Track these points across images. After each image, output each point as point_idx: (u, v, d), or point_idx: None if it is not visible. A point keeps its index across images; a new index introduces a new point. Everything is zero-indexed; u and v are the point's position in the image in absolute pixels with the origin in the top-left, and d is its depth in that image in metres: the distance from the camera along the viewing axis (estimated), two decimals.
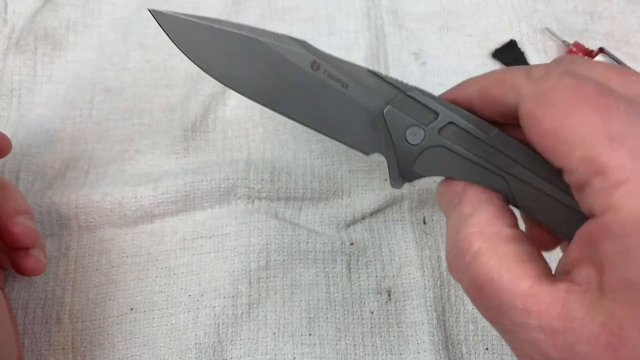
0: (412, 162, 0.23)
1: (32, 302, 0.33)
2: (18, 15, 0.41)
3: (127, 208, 0.34)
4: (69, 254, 0.34)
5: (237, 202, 0.36)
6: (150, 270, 0.34)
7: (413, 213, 0.36)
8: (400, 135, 0.23)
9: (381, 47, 0.42)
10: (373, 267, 0.34)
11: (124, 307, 0.33)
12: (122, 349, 0.32)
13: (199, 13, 0.43)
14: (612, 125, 0.16)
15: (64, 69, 0.40)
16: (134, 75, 0.40)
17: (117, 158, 0.37)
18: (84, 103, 0.39)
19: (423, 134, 0.22)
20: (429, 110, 0.22)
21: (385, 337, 0.33)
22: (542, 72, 0.19)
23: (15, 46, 0.40)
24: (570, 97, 0.17)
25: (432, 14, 0.44)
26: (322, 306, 0.33)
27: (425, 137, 0.22)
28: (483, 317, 0.19)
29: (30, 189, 0.36)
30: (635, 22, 0.44)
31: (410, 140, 0.23)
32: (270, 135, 0.38)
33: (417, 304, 0.33)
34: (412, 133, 0.23)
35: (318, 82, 0.23)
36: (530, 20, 0.43)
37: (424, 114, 0.22)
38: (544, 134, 0.17)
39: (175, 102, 0.40)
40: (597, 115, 0.16)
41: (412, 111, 0.23)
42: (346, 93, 0.23)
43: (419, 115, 0.23)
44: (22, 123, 0.38)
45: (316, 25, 0.43)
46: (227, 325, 0.33)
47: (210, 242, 0.35)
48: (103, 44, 0.41)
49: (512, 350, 0.18)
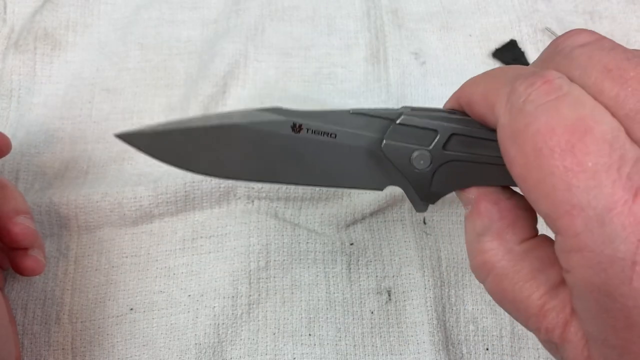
0: (428, 185, 0.22)
1: (32, 303, 0.33)
2: (17, 15, 0.41)
3: (126, 208, 0.34)
4: (68, 254, 0.34)
5: (237, 202, 0.36)
6: (150, 270, 0.34)
7: (413, 213, 0.36)
8: (406, 164, 0.22)
9: (381, 47, 0.42)
10: (373, 267, 0.34)
11: (124, 307, 0.33)
12: (122, 349, 0.32)
13: (199, 13, 0.43)
14: (574, 191, 0.15)
15: (64, 69, 0.40)
16: (133, 75, 0.40)
17: (117, 158, 0.37)
18: (83, 103, 0.39)
19: (429, 156, 0.22)
20: (426, 130, 0.21)
21: (385, 337, 0.33)
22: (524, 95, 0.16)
23: (15, 46, 0.40)
24: (539, 147, 0.15)
25: (432, 13, 0.44)
26: (322, 306, 0.33)
27: (432, 158, 0.22)
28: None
29: (30, 189, 0.36)
30: (635, 22, 0.44)
31: (418, 166, 0.22)
32: None
33: (417, 304, 0.33)
34: (417, 159, 0.22)
35: (305, 142, 0.22)
36: (530, 20, 0.43)
37: (423, 135, 0.21)
38: (515, 177, 0.17)
39: (175, 102, 0.40)
40: (562, 179, 0.15)
41: (409, 137, 0.22)
42: (337, 142, 0.22)
43: (418, 139, 0.22)
44: (22, 123, 0.38)
45: (316, 25, 0.43)
46: (226, 326, 0.33)
47: (210, 242, 0.35)
48: (103, 43, 0.41)
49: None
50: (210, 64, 0.40)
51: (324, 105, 0.39)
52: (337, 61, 0.42)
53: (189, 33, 0.42)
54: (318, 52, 0.42)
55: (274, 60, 0.41)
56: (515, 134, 0.16)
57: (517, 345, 0.33)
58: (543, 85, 0.16)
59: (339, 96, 0.40)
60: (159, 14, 0.43)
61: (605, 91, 0.16)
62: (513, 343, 0.33)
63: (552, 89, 0.16)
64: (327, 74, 0.41)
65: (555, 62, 0.18)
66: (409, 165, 0.22)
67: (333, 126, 0.22)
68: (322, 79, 0.41)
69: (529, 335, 0.33)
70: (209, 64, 0.40)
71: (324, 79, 0.41)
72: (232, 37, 0.41)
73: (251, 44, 0.41)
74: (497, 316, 0.34)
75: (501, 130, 0.17)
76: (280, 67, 0.41)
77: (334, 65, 0.41)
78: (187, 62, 0.41)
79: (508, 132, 0.17)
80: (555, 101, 0.16)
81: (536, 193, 0.16)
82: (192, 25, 0.43)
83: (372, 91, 0.40)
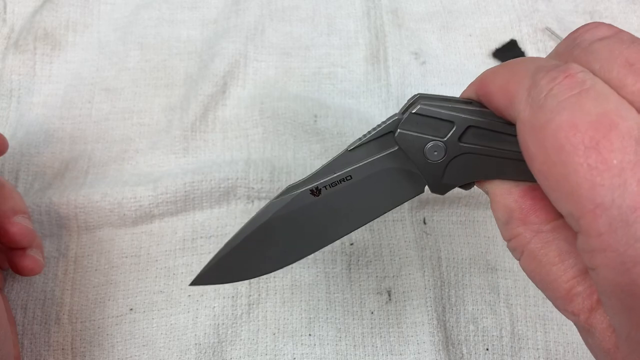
0: (440, 176, 0.22)
1: (32, 303, 0.33)
2: (17, 15, 0.41)
3: (126, 208, 0.34)
4: (68, 254, 0.34)
5: (237, 202, 0.36)
6: (149, 270, 0.34)
7: (413, 213, 0.36)
8: (419, 154, 0.22)
9: (381, 46, 0.42)
10: (373, 267, 0.34)
11: (124, 308, 0.33)
12: (122, 349, 0.32)
13: (198, 13, 0.43)
14: (598, 190, 0.14)
15: (64, 69, 0.40)
16: (133, 75, 0.40)
17: (117, 158, 0.37)
18: (83, 103, 0.39)
19: (444, 148, 0.21)
20: (442, 120, 0.21)
21: (385, 337, 0.33)
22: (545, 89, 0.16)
23: (15, 46, 0.40)
24: (561, 144, 0.15)
25: (432, 13, 0.44)
26: (322, 306, 0.33)
27: (446, 150, 0.21)
28: None
29: (30, 189, 0.36)
30: (635, 21, 0.43)
31: (431, 157, 0.21)
32: (270, 135, 0.38)
33: (417, 304, 0.33)
34: (431, 150, 0.21)
35: (331, 199, 0.23)
36: (530, 20, 0.43)
37: (438, 126, 0.21)
38: (536, 173, 0.16)
39: (175, 102, 0.40)
40: (585, 177, 0.14)
41: (424, 127, 0.21)
42: (355, 181, 0.23)
43: (433, 129, 0.21)
44: (22, 123, 0.38)
45: (316, 25, 0.43)
46: (226, 326, 0.33)
47: (210, 242, 0.35)
48: (102, 43, 0.41)
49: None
50: (210, 64, 0.40)
51: (324, 104, 0.39)
52: (337, 61, 0.41)
53: (189, 33, 0.42)
54: (318, 52, 0.42)
55: (274, 60, 0.41)
56: (537, 130, 0.16)
57: (517, 346, 0.33)
58: (565, 80, 0.16)
59: (339, 96, 0.40)
60: (158, 13, 0.43)
61: (627, 86, 0.15)
62: (513, 343, 0.33)
63: (575, 83, 0.15)
64: (327, 73, 0.41)
65: (573, 56, 0.17)
66: (422, 155, 0.22)
67: (343, 171, 0.23)
68: (322, 78, 0.41)
69: (528, 336, 0.33)
70: (209, 64, 0.40)
71: (324, 78, 0.41)
72: (232, 37, 0.41)
73: (251, 43, 0.41)
74: (497, 316, 0.33)
75: (521, 125, 0.17)
76: (280, 67, 0.41)
77: (334, 65, 0.41)
78: (187, 62, 0.41)
79: (529, 127, 0.16)
80: (578, 96, 0.15)
81: (558, 191, 0.15)
82: (192, 25, 0.43)
83: (372, 91, 0.40)
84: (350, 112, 0.39)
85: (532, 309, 0.34)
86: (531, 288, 0.34)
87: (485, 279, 0.34)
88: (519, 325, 0.33)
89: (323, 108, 0.39)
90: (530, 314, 0.34)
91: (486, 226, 0.36)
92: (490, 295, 0.34)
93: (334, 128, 0.38)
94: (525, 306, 0.34)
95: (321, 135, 0.38)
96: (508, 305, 0.34)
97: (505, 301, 0.34)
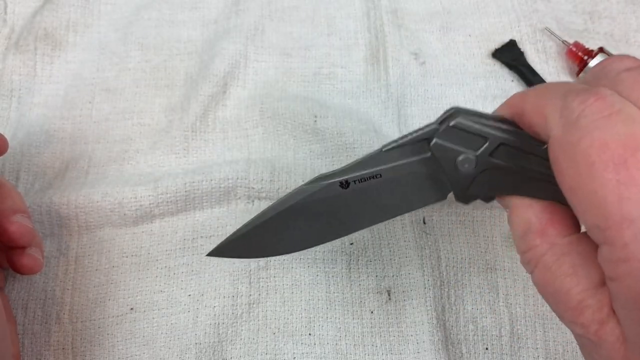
0: (467, 187, 0.23)
1: (32, 302, 0.33)
2: (18, 15, 0.41)
3: (127, 208, 0.35)
4: (68, 253, 0.34)
5: (237, 202, 0.36)
6: (150, 270, 0.34)
7: (413, 213, 0.36)
8: (451, 165, 0.23)
9: (381, 47, 0.42)
10: (373, 266, 0.34)
11: (124, 307, 0.33)
12: (122, 349, 0.32)
13: (199, 13, 0.43)
14: (625, 204, 0.16)
15: (64, 69, 0.40)
16: (134, 75, 0.40)
17: (117, 158, 0.37)
18: (83, 103, 0.39)
19: (474, 161, 0.22)
20: (477, 135, 0.22)
21: (385, 336, 0.33)
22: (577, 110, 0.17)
23: (15, 46, 0.40)
24: (592, 160, 0.16)
25: (432, 14, 0.44)
26: (322, 306, 0.33)
27: (476, 163, 0.22)
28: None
29: (30, 189, 0.36)
30: (635, 22, 0.44)
31: (462, 169, 0.22)
32: (270, 135, 0.38)
33: (417, 304, 0.33)
34: (463, 162, 0.22)
35: (357, 193, 0.24)
36: (530, 20, 0.43)
37: (472, 140, 0.22)
38: (565, 187, 0.17)
39: (175, 102, 0.40)
40: (614, 191, 0.16)
41: (459, 140, 0.22)
42: (384, 179, 0.24)
43: (467, 143, 0.22)
44: (22, 123, 0.38)
45: (316, 25, 0.43)
46: (227, 325, 0.33)
47: (210, 242, 0.35)
48: (103, 44, 0.41)
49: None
50: (210, 64, 0.40)
51: (324, 105, 0.39)
52: (337, 61, 0.42)
53: (189, 33, 0.42)
54: (318, 52, 0.42)
55: (274, 60, 0.41)
56: (568, 147, 0.17)
57: (516, 345, 0.33)
58: (596, 102, 0.17)
59: (339, 96, 0.40)
60: (159, 14, 0.43)
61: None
62: (512, 343, 0.33)
63: (606, 105, 0.17)
64: (327, 74, 0.41)
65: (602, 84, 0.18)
66: (453, 166, 0.23)
67: (374, 168, 0.24)
68: (322, 79, 0.41)
69: (528, 335, 0.33)
70: (209, 64, 0.40)
71: (323, 79, 0.41)
72: (232, 37, 0.41)
73: (251, 44, 0.41)
74: (497, 316, 0.34)
75: (553, 141, 0.18)
76: (280, 67, 0.41)
77: (333, 65, 0.41)
78: (187, 63, 0.41)
79: (561, 144, 0.18)
80: (609, 117, 0.16)
81: (586, 204, 0.17)
82: (192, 25, 0.43)
83: (372, 91, 0.40)
84: (350, 112, 0.39)
85: (532, 308, 0.34)
86: (530, 288, 0.34)
87: (484, 279, 0.34)
88: (518, 325, 0.33)
89: (323, 108, 0.39)
90: (529, 314, 0.34)
91: (485, 226, 0.36)
92: (489, 295, 0.34)
93: (334, 128, 0.38)
94: (524, 306, 0.34)
95: (321, 135, 0.38)
96: (507, 304, 0.34)
97: (504, 301, 0.34)
